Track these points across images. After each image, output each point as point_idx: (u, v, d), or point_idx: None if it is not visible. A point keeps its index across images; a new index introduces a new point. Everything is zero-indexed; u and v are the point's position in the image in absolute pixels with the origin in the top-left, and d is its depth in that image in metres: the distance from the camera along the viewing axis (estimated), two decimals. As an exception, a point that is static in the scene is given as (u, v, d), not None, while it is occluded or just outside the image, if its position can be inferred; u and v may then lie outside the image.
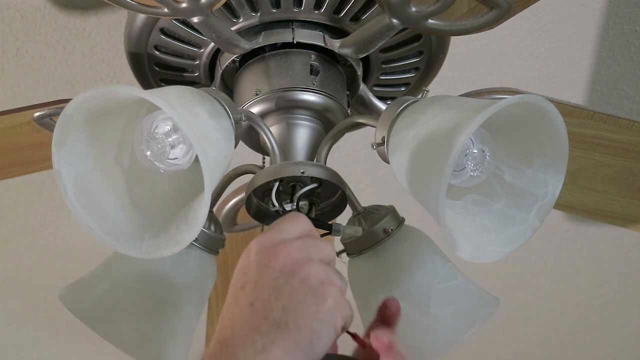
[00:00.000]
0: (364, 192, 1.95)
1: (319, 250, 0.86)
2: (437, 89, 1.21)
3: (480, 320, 1.10)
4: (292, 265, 0.82)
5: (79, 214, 0.95)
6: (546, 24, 1.66)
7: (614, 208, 1.29)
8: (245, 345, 0.78)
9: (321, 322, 0.80)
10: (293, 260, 0.83)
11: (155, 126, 0.98)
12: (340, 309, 0.82)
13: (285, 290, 0.81)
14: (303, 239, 0.86)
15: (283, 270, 0.82)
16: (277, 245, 0.84)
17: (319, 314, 0.80)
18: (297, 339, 0.79)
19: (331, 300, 0.81)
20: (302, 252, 0.84)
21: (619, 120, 1.16)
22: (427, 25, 1.04)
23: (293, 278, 0.82)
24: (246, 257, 0.85)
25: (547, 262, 2.31)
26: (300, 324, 0.79)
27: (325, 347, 0.80)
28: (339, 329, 0.82)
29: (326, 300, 0.81)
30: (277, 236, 0.85)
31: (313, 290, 0.81)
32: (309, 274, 0.82)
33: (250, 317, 0.80)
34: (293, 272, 0.82)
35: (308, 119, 1.14)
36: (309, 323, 0.80)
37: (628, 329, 2.59)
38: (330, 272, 0.84)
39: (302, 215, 0.90)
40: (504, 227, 1.01)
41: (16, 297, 2.23)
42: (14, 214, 1.95)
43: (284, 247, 0.84)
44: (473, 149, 1.00)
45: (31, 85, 1.64)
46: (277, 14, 1.13)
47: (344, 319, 0.83)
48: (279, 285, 0.81)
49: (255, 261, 0.84)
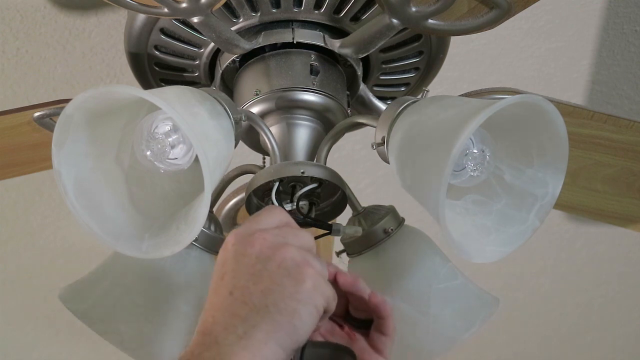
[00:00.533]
0: (364, 192, 1.95)
1: (296, 237, 0.86)
2: (437, 89, 1.22)
3: (480, 320, 1.10)
4: (268, 250, 0.83)
5: (79, 214, 0.95)
6: (546, 24, 1.66)
7: (614, 208, 1.29)
8: (226, 332, 0.79)
9: (301, 302, 0.81)
10: (269, 245, 0.84)
11: (155, 126, 0.98)
12: (320, 289, 0.83)
13: (264, 275, 0.82)
14: (280, 227, 0.87)
15: (260, 256, 0.83)
16: (253, 234, 0.85)
17: (298, 294, 0.81)
18: (278, 321, 0.79)
19: (310, 281, 0.82)
20: (278, 238, 0.85)
21: (619, 120, 1.16)
22: (427, 25, 1.04)
23: (270, 262, 0.83)
24: (224, 249, 0.86)
25: (547, 262, 2.31)
26: (280, 306, 0.80)
27: (308, 327, 0.81)
28: (320, 308, 0.83)
29: (304, 281, 0.82)
30: (253, 226, 0.86)
31: (290, 272, 0.82)
32: (285, 257, 0.83)
33: (230, 305, 0.81)
34: (269, 256, 0.83)
35: (308, 119, 1.14)
36: (289, 304, 0.80)
37: (628, 329, 2.59)
38: (308, 255, 0.84)
39: (279, 207, 0.92)
40: (504, 227, 1.01)
41: (16, 297, 2.23)
42: (14, 214, 1.95)
43: (260, 234, 0.85)
44: (473, 149, 1.00)
45: (31, 85, 1.64)
46: (277, 14, 1.13)
47: (325, 299, 0.83)
48: (257, 271, 0.82)
49: (232, 251, 0.84)
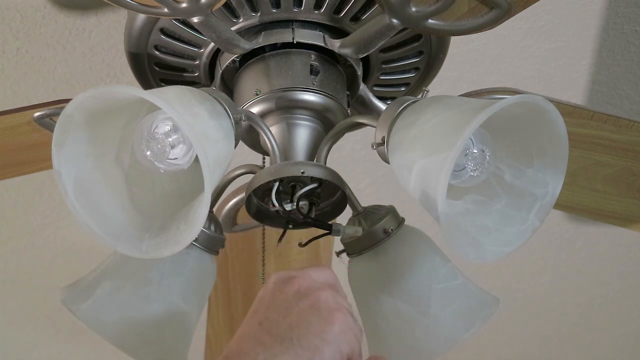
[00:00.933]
0: (364, 192, 1.95)
1: (338, 293, 0.87)
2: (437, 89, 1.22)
3: (480, 320, 1.10)
4: (305, 290, 0.85)
5: (79, 214, 0.95)
6: (546, 24, 1.66)
7: (614, 208, 1.29)
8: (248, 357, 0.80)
9: (325, 341, 0.81)
10: (307, 286, 0.85)
11: (155, 126, 0.98)
12: (348, 336, 0.83)
13: (295, 311, 0.83)
14: (325, 282, 0.88)
15: (296, 295, 0.85)
16: (295, 276, 0.87)
17: (324, 334, 0.82)
18: (299, 355, 0.80)
19: (338, 326, 0.83)
20: (318, 284, 0.86)
21: (619, 120, 1.16)
22: (427, 25, 1.04)
23: (303, 300, 0.84)
24: (265, 287, 0.88)
25: (547, 262, 2.31)
26: (303, 341, 0.81)
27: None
28: (344, 354, 0.83)
29: (333, 324, 0.83)
30: (299, 272, 0.88)
31: (321, 313, 0.83)
32: (319, 298, 0.84)
33: (256, 334, 0.82)
34: (305, 295, 0.84)
35: (308, 119, 1.14)
36: (313, 341, 0.81)
37: (628, 329, 2.59)
38: (344, 302, 0.85)
39: (329, 268, 0.92)
40: (504, 227, 1.01)
41: (16, 297, 2.23)
42: (14, 214, 1.95)
43: (301, 277, 0.86)
44: (473, 149, 1.00)
45: (31, 85, 1.64)
46: (277, 14, 1.13)
47: (351, 347, 0.83)
48: (289, 307, 0.84)
49: (271, 289, 0.86)
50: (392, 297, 1.10)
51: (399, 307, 1.10)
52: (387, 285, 1.11)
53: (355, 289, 1.16)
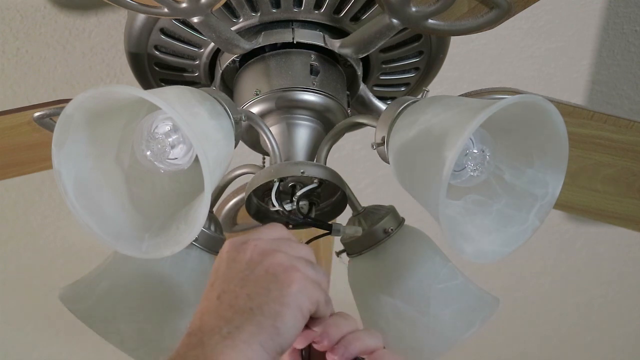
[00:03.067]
0: (364, 192, 1.95)
1: (290, 247, 0.88)
2: (437, 89, 1.22)
3: (480, 320, 1.10)
4: (258, 257, 0.85)
5: (79, 214, 0.95)
6: (546, 24, 1.66)
7: (614, 208, 1.29)
8: (212, 332, 0.80)
9: (285, 305, 0.82)
10: (260, 252, 0.86)
11: (155, 126, 0.98)
12: (308, 293, 0.84)
13: (251, 279, 0.84)
14: (277, 239, 0.88)
15: (249, 262, 0.85)
16: (247, 241, 0.87)
17: (283, 298, 0.83)
18: (262, 323, 0.81)
19: (296, 285, 0.83)
20: (270, 246, 0.86)
21: (619, 120, 1.16)
22: (427, 25, 1.04)
23: (258, 267, 0.84)
24: (219, 257, 0.88)
25: (547, 262, 2.31)
26: (264, 308, 0.82)
27: (292, 329, 0.82)
28: (305, 312, 0.84)
29: (290, 285, 0.83)
30: (249, 236, 0.88)
31: (277, 277, 0.84)
32: (273, 262, 0.84)
33: (217, 308, 0.83)
34: (259, 262, 0.85)
35: (308, 119, 1.14)
36: (273, 307, 0.82)
37: (628, 329, 2.59)
38: (299, 261, 0.85)
39: (280, 224, 0.93)
40: (504, 227, 1.01)
41: (16, 297, 2.23)
42: (14, 214, 1.95)
43: (253, 242, 0.87)
44: (473, 149, 1.00)
45: (31, 85, 1.64)
46: (277, 14, 1.13)
47: (312, 302, 0.84)
48: (245, 276, 0.84)
49: (225, 258, 0.87)
50: (392, 297, 1.10)
51: (399, 307, 1.10)
52: (387, 285, 1.11)
53: (355, 289, 1.16)
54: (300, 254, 0.87)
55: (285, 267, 0.84)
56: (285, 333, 0.82)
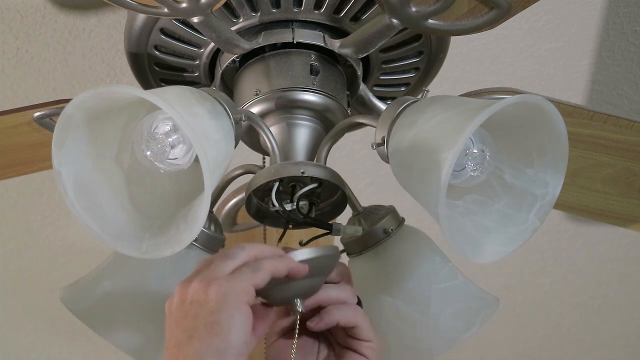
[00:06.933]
0: (364, 192, 1.95)
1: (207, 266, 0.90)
2: (437, 89, 1.21)
3: (480, 320, 1.10)
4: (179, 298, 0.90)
5: (79, 214, 0.95)
6: (546, 24, 1.66)
7: (614, 208, 1.29)
8: None
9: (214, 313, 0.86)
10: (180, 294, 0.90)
11: (155, 126, 0.98)
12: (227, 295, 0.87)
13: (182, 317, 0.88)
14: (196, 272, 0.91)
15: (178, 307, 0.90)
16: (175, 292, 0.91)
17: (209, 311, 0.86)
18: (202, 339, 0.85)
19: (213, 294, 0.87)
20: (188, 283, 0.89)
21: (619, 120, 1.16)
22: (427, 25, 1.04)
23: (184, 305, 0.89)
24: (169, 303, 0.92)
25: (547, 262, 2.31)
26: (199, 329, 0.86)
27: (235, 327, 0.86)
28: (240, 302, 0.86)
29: (208, 300, 0.87)
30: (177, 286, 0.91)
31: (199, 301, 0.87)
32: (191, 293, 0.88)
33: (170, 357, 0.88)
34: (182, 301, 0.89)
35: (308, 119, 1.14)
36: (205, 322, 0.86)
37: (628, 329, 2.59)
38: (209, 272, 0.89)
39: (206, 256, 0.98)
40: (504, 227, 1.02)
41: (16, 297, 2.23)
42: (14, 214, 1.95)
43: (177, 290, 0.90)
44: (473, 149, 1.00)
45: (31, 85, 1.64)
46: (277, 14, 1.13)
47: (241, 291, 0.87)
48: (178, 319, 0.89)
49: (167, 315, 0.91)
50: (392, 297, 1.10)
51: (399, 307, 1.10)
52: (387, 285, 1.11)
53: (355, 289, 1.16)
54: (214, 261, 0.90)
55: (201, 289, 0.87)
56: (229, 333, 0.85)
